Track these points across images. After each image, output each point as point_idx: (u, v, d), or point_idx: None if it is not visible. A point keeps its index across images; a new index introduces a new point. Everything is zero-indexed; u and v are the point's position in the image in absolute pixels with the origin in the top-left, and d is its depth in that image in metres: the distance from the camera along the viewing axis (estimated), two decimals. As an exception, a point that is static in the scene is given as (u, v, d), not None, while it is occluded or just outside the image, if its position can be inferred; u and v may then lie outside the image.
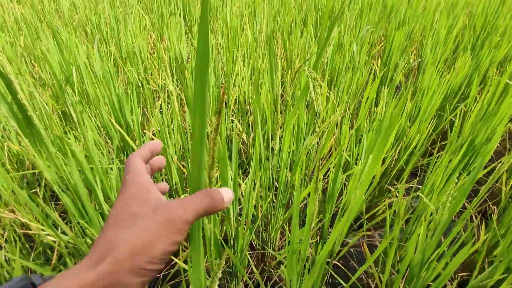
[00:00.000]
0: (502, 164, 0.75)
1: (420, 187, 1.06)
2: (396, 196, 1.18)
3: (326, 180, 1.29)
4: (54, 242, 0.84)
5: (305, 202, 1.22)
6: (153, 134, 1.51)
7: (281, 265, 1.12)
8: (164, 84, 1.74)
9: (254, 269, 0.83)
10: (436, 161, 1.03)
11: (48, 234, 0.83)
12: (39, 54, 1.67)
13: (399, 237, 0.99)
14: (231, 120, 1.45)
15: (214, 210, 0.27)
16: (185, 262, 1.01)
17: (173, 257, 0.93)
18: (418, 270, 0.55)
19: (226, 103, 1.66)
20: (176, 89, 1.59)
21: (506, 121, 0.87)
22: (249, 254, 1.10)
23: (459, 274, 1.09)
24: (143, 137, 1.34)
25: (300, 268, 0.63)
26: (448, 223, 0.54)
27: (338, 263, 1.07)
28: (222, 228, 0.85)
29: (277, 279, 1.05)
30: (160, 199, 0.26)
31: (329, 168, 1.30)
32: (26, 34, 2.06)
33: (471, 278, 1.05)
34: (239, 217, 0.83)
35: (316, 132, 0.73)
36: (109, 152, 1.26)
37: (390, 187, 1.28)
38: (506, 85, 1.33)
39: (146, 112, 1.55)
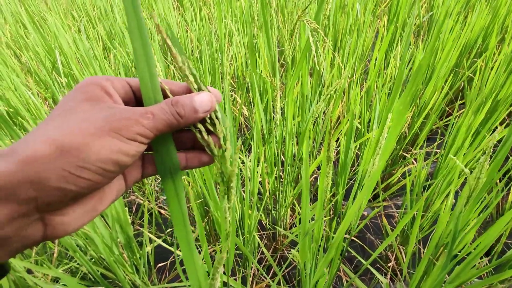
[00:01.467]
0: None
1: (439, 151, 0.97)
2: (413, 163, 1.09)
3: (336, 151, 1.21)
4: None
5: (314, 175, 1.15)
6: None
7: (293, 247, 1.07)
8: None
9: (265, 250, 0.77)
10: (455, 122, 0.94)
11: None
12: (20, 42, 1.58)
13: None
14: (230, 94, 1.36)
15: (181, 124, 0.21)
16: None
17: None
18: (451, 242, 0.47)
19: (221, 77, 1.56)
20: (170, 67, 1.50)
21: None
22: (259, 234, 1.05)
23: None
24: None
25: (315, 248, 0.56)
26: (486, 187, 0.46)
27: (353, 238, 1.01)
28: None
29: (292, 260, 1.00)
30: (115, 105, 0.20)
31: (338, 138, 1.22)
32: (11, 23, 1.96)
33: (498, 243, 0.98)
34: (243, 197, 0.76)
35: (322, 99, 0.64)
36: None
37: (405, 154, 1.20)
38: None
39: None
